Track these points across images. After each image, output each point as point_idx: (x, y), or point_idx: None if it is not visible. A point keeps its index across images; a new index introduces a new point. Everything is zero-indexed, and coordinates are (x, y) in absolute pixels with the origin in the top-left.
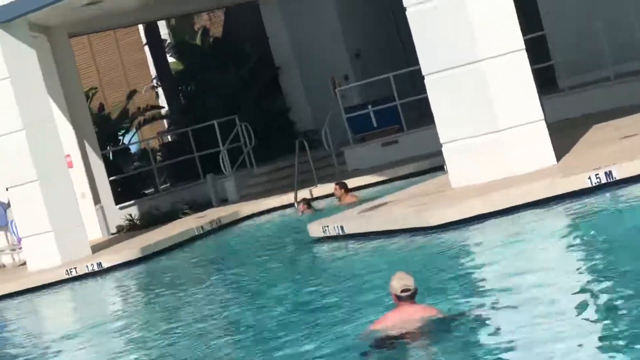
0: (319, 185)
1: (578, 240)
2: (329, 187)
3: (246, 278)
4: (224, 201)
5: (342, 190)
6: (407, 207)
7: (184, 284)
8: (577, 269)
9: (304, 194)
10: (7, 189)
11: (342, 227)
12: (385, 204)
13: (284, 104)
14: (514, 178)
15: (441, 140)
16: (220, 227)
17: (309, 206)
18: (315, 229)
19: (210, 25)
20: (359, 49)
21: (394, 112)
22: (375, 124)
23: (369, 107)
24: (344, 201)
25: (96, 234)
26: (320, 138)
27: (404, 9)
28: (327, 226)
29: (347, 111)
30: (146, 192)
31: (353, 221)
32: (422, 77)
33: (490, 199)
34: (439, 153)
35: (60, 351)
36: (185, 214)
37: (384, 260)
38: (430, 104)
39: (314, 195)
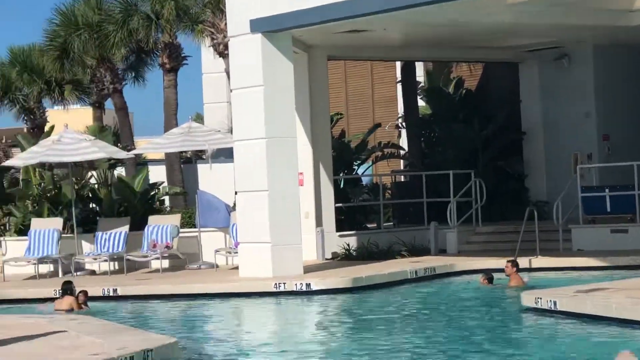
0: (539, 257)
1: None
2: (549, 261)
3: (444, 334)
4: (442, 251)
5: (514, 269)
6: (625, 297)
7: (383, 324)
8: None
9: (523, 262)
10: (235, 193)
11: (555, 303)
12: (603, 289)
13: (522, 169)
14: None
15: None
16: (433, 276)
17: (490, 281)
18: (527, 299)
19: (466, 76)
20: (597, 120)
21: (630, 200)
22: (608, 209)
23: (606, 190)
24: (511, 281)
25: (311, 256)
26: (550, 211)
27: None
28: (540, 298)
29: (584, 190)
30: (368, 225)
31: (567, 299)
32: None
33: None
34: None
35: (247, 358)
36: (402, 256)
37: (590, 345)
38: None
39: (533, 266)
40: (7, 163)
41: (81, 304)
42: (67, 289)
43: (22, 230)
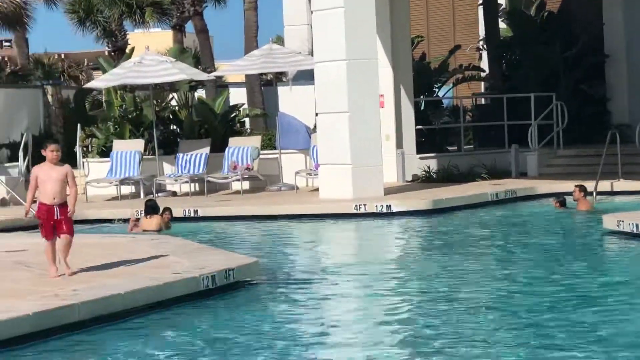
0: (622, 180)
1: None
2: (630, 185)
3: (526, 256)
4: (522, 174)
5: (581, 194)
6: None
7: (465, 245)
8: None
9: (604, 185)
10: (316, 115)
11: (637, 226)
12: None
13: (605, 92)
14: None
15: None
16: (514, 199)
17: (562, 205)
18: (609, 221)
19: None
20: None
21: None
22: None
23: None
24: (580, 205)
25: (391, 178)
26: (633, 134)
27: None
28: (622, 221)
29: None
30: (448, 148)
31: None
32: None
33: None
34: None
35: (328, 278)
36: (482, 179)
37: None
38: None
39: (614, 189)
40: (89, 85)
41: (166, 222)
42: (153, 206)
43: (104, 151)
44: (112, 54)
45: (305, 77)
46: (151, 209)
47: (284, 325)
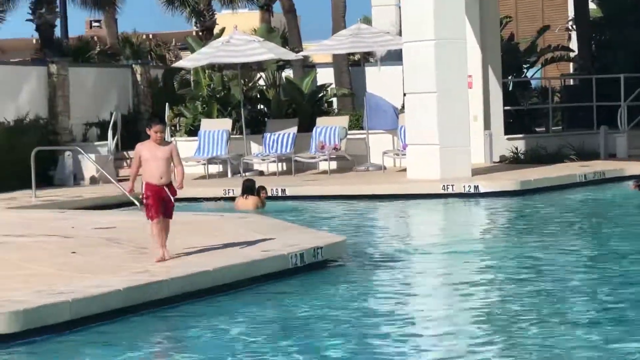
0: None
1: None
2: None
3: (617, 237)
4: (611, 155)
5: None
6: None
7: (553, 226)
8: None
9: None
10: (404, 95)
11: None
12: None
13: None
14: None
15: None
16: (603, 180)
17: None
18: None
19: None
20: None
21: None
22: None
23: None
24: None
25: (479, 159)
26: None
27: None
28: None
29: None
30: (537, 129)
31: None
32: None
33: None
34: None
35: (415, 258)
36: (570, 160)
37: None
38: None
39: None
40: (178, 64)
41: (262, 201)
42: (251, 187)
43: (192, 130)
44: (200, 34)
45: (393, 57)
46: (249, 189)
47: (372, 303)
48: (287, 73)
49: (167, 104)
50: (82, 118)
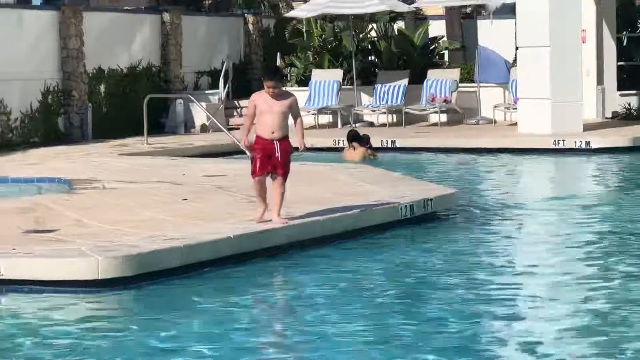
0: None
1: None
2: None
3: None
4: None
5: None
6: None
7: None
8: None
9: None
10: (516, 48)
11: None
12: None
13: None
14: None
15: None
16: None
17: None
18: None
19: None
20: None
21: None
22: None
23: None
24: None
25: (590, 114)
26: None
27: None
28: None
29: None
30: None
31: None
32: None
33: None
34: None
35: (525, 212)
36: None
37: None
38: None
39: None
40: (290, 14)
41: (371, 153)
42: (355, 137)
43: (303, 81)
44: None
45: (506, 10)
46: (354, 139)
47: (481, 255)
48: (399, 25)
49: (278, 53)
50: (193, 66)
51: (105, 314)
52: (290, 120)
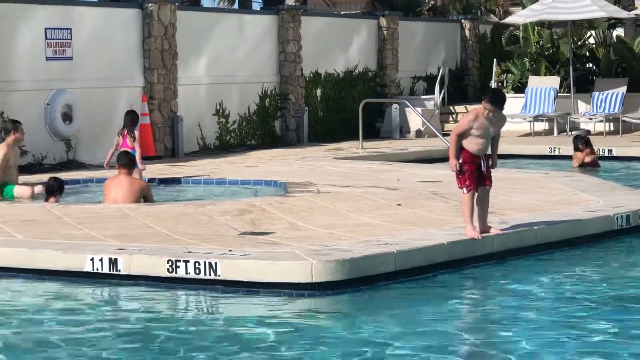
0: None
1: None
2: None
3: None
4: None
5: None
6: None
7: None
8: None
9: None
10: None
11: None
12: None
13: None
14: None
15: None
16: None
17: None
18: None
19: None
20: None
21: None
22: None
23: None
24: None
25: None
26: None
27: None
28: None
29: None
30: None
31: None
32: None
33: None
34: None
35: None
36: None
37: None
38: None
39: None
40: (508, 20)
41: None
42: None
43: (519, 87)
44: None
45: None
46: (584, 143)
47: None
48: (618, 32)
49: (494, 59)
50: (409, 71)
51: (322, 316)
52: None
